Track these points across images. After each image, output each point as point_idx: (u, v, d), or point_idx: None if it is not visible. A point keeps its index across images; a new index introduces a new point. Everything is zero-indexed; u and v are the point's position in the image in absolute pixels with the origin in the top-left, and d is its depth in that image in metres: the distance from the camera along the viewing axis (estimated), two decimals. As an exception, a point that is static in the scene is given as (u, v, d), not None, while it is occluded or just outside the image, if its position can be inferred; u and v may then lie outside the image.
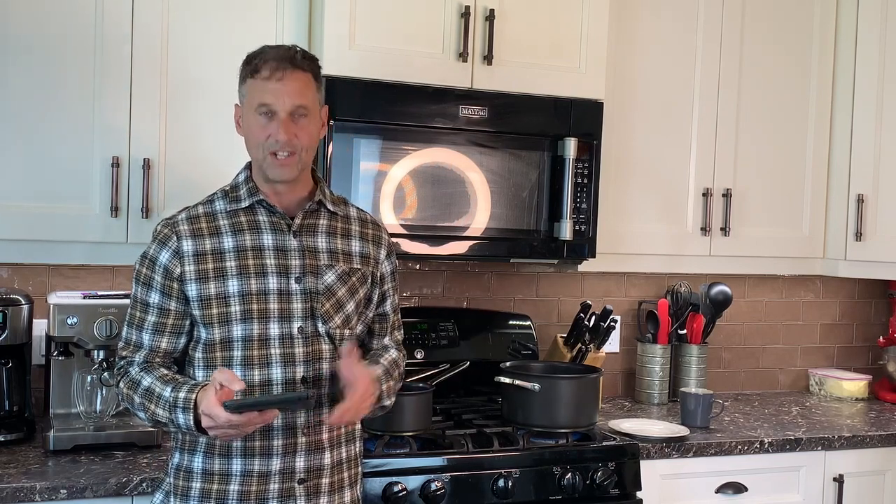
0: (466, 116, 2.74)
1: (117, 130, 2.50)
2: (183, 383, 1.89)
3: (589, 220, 2.88)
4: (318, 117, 2.00)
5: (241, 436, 1.87)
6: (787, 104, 3.31)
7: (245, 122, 1.99)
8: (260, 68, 1.94)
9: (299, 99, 1.94)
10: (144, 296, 1.98)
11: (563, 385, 2.72)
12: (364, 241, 2.09)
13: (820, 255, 3.39)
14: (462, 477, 2.49)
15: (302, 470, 1.96)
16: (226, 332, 1.94)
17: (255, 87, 1.94)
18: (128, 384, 1.95)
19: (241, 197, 2.01)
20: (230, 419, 1.76)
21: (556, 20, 2.84)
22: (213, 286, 1.94)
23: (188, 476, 1.96)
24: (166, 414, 1.87)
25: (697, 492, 2.83)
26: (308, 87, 1.96)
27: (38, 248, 2.48)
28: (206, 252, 1.96)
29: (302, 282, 1.97)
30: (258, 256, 1.97)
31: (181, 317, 1.97)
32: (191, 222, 1.99)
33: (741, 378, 3.69)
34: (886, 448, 3.04)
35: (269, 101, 1.92)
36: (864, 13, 3.28)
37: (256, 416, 1.78)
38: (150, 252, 1.99)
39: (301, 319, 1.97)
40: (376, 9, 2.64)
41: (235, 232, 1.98)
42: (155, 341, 1.98)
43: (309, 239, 2.01)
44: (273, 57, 1.94)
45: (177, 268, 1.95)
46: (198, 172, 2.56)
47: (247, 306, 1.94)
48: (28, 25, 2.43)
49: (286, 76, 1.92)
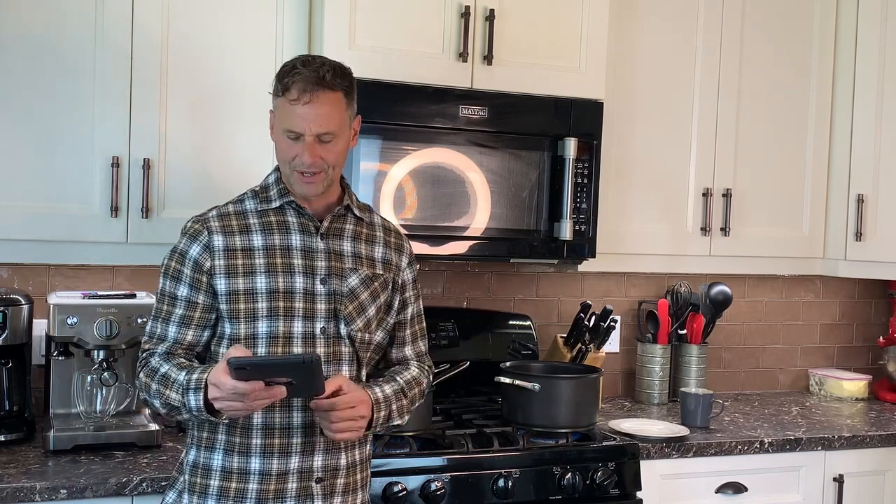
0: (466, 116, 2.74)
1: (117, 130, 2.50)
2: (198, 367, 1.90)
3: (589, 220, 2.88)
4: (346, 135, 1.99)
5: (248, 412, 1.85)
6: (786, 104, 3.31)
7: (276, 136, 1.99)
8: (290, 87, 1.91)
9: (326, 125, 1.92)
10: (173, 289, 1.98)
11: (563, 385, 2.72)
12: (387, 248, 2.10)
13: (820, 255, 3.39)
14: (462, 477, 2.49)
15: (320, 469, 1.96)
16: (251, 327, 1.95)
17: (284, 108, 1.93)
18: (147, 373, 1.96)
19: (271, 197, 2.02)
20: (235, 385, 1.75)
21: (556, 20, 2.84)
22: (241, 281, 1.95)
23: (206, 473, 1.96)
24: (179, 397, 1.87)
25: (697, 492, 2.83)
26: (336, 110, 1.94)
27: (38, 248, 2.48)
28: (237, 248, 1.97)
29: (327, 283, 1.99)
30: (286, 256, 1.98)
31: (208, 310, 1.98)
32: (221, 219, 2.00)
33: (741, 378, 3.69)
34: (886, 448, 3.04)
35: (296, 127, 1.92)
36: (864, 13, 3.28)
37: (262, 387, 1.76)
38: (179, 246, 2.00)
39: (324, 320, 1.98)
40: (376, 9, 2.64)
41: (265, 231, 1.99)
42: (181, 334, 1.98)
43: (335, 242, 2.03)
44: (303, 78, 1.91)
45: (207, 261, 1.96)
46: (198, 173, 2.56)
47: (273, 303, 1.95)
48: (28, 25, 2.43)
49: (314, 99, 1.91)
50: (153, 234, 2.50)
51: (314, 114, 1.91)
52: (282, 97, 1.93)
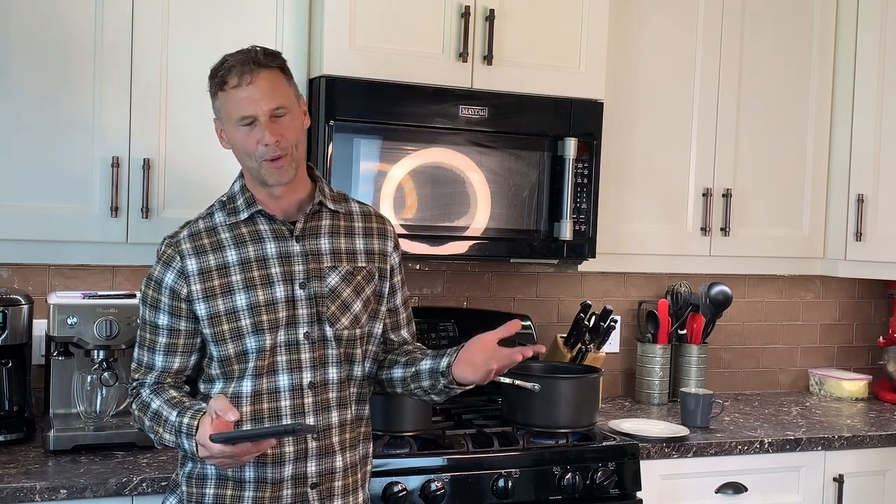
0: (466, 116, 2.74)
1: (117, 130, 2.50)
2: (189, 408, 1.88)
3: (589, 220, 2.88)
4: (298, 111, 1.98)
5: (239, 465, 1.87)
6: (787, 104, 3.30)
7: (228, 136, 1.96)
8: (227, 79, 1.90)
9: (275, 100, 1.91)
10: (153, 318, 1.97)
11: (563, 385, 2.72)
12: (369, 237, 2.07)
13: (820, 255, 3.39)
14: (462, 477, 2.49)
15: (314, 474, 1.96)
16: (240, 345, 1.93)
17: (229, 98, 1.92)
18: (139, 406, 1.96)
19: (238, 209, 1.99)
20: (223, 450, 1.76)
21: (556, 20, 2.84)
22: (221, 302, 1.94)
23: (201, 482, 1.97)
24: (172, 438, 1.88)
25: (697, 492, 2.83)
26: (280, 84, 1.93)
27: (38, 248, 2.48)
28: (211, 269, 1.95)
29: (307, 287, 1.97)
30: (262, 267, 1.96)
31: (192, 335, 1.97)
32: (192, 239, 1.98)
33: (741, 378, 3.69)
34: (886, 448, 3.04)
35: (247, 111, 1.90)
36: (864, 13, 3.28)
37: (251, 446, 1.77)
38: (154, 273, 1.98)
39: (307, 325, 1.96)
40: (376, 9, 2.64)
41: (238, 244, 1.97)
42: (167, 362, 1.98)
43: (312, 242, 2.00)
44: (236, 63, 1.90)
45: (183, 288, 1.95)
46: (198, 173, 2.56)
47: (257, 318, 1.93)
48: (28, 25, 2.43)
49: (255, 79, 1.89)
50: (153, 234, 2.50)
51: (259, 91, 1.89)
52: (222, 91, 1.92)
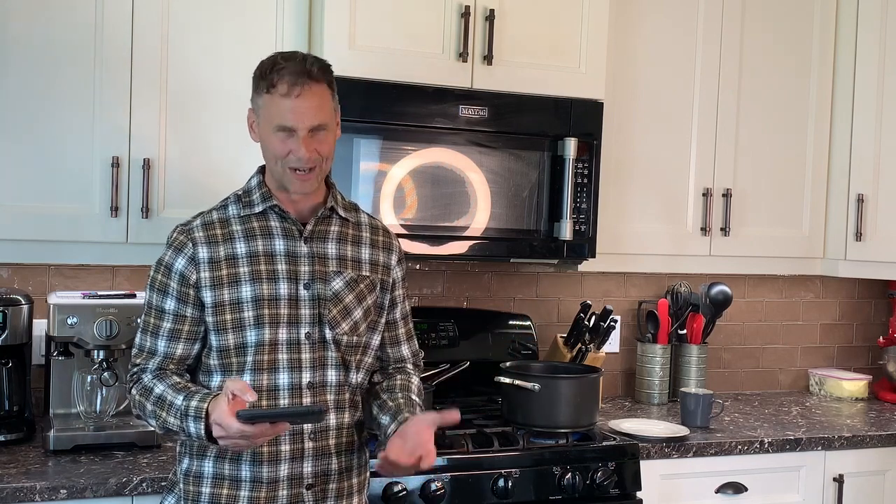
0: (466, 116, 2.74)
1: (117, 130, 2.50)
2: (195, 392, 1.88)
3: (589, 220, 2.88)
4: (335, 126, 1.98)
5: (251, 447, 1.86)
6: (787, 104, 3.31)
7: (262, 134, 1.95)
8: (276, 83, 1.88)
9: (319, 117, 1.90)
10: (160, 302, 1.97)
11: (563, 385, 2.72)
12: (374, 248, 2.08)
13: (820, 255, 3.39)
14: (462, 477, 2.49)
15: (310, 475, 1.96)
16: (240, 337, 1.94)
17: (273, 104, 1.90)
18: (140, 391, 1.95)
19: (253, 202, 2.00)
20: (242, 430, 1.74)
21: (556, 20, 2.84)
22: (226, 292, 1.94)
23: (198, 481, 1.96)
24: (177, 422, 1.86)
25: (697, 492, 2.83)
26: (325, 100, 1.93)
27: (38, 248, 2.48)
28: (220, 258, 1.95)
29: (310, 288, 1.97)
30: (270, 262, 1.96)
31: (197, 323, 1.97)
32: (205, 228, 1.98)
33: (741, 378, 3.69)
34: (886, 448, 3.04)
35: (290, 122, 1.89)
36: (864, 13, 3.28)
37: (268, 427, 1.77)
38: (165, 259, 1.98)
39: (308, 325, 1.97)
40: (376, 9, 2.64)
41: (248, 237, 1.97)
42: (170, 348, 1.97)
43: (319, 245, 2.01)
44: (290, 72, 1.88)
45: (193, 274, 1.95)
46: (198, 172, 2.56)
47: (259, 311, 1.94)
48: (28, 26, 2.43)
49: (304, 92, 1.88)
50: (153, 234, 2.50)
51: (306, 106, 1.89)
52: (267, 94, 1.90)
